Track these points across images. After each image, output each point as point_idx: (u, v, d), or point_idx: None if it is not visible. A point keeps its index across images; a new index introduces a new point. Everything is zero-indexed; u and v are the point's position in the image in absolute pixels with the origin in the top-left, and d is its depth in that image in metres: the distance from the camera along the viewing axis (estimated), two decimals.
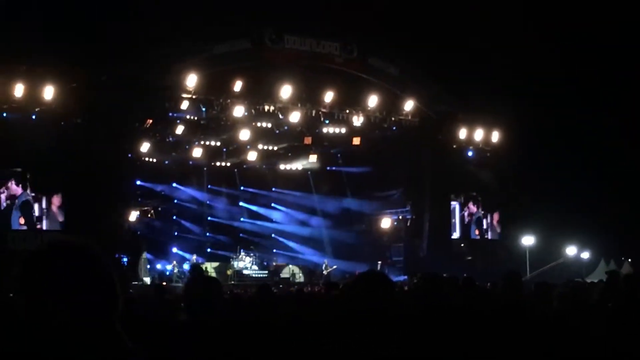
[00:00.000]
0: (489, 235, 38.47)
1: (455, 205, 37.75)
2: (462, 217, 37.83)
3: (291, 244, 40.67)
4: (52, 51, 27.06)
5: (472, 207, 38.10)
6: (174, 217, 38.88)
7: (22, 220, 28.39)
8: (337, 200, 40.25)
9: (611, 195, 36.23)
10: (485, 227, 38.36)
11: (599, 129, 35.85)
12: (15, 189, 28.46)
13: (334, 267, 35.90)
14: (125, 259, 31.14)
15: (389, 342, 4.18)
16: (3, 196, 28.26)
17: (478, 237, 38.14)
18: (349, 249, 39.07)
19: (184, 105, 31.89)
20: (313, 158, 39.50)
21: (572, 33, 34.83)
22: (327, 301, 9.83)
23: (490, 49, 34.67)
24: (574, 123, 35.57)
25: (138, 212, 35.38)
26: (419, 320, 5.67)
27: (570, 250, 37.26)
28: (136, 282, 30.10)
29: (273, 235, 40.85)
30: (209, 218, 40.08)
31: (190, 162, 38.40)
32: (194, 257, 35.78)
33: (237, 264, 35.42)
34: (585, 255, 37.43)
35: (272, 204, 41.29)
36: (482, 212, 38.31)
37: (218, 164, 39.44)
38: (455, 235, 37.58)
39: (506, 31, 34.15)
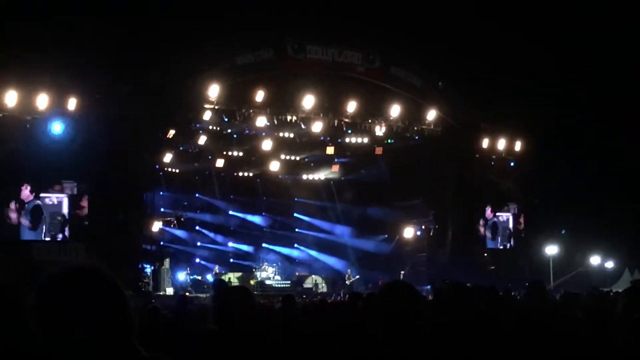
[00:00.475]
0: (512, 245, 38.28)
1: (478, 214, 37.60)
2: (484, 227, 37.66)
3: (314, 252, 40.65)
4: (75, 62, 27.20)
5: (495, 217, 37.94)
6: (197, 227, 38.97)
7: (27, 224, 28.40)
8: (360, 209, 40.21)
9: (636, 205, 35.95)
10: (508, 236, 38.17)
11: (624, 138, 35.62)
12: (27, 194, 28.56)
13: (357, 277, 35.80)
14: (148, 270, 31.25)
15: (416, 352, 4.16)
16: (13, 206, 28.33)
17: (501, 247, 37.97)
18: (371, 258, 39.03)
19: (207, 115, 32.02)
20: (335, 168, 39.52)
21: (595, 42, 34.67)
22: (352, 312, 9.81)
23: (513, 58, 34.59)
24: (599, 132, 35.37)
25: (161, 223, 35.55)
26: (444, 329, 5.64)
27: (594, 260, 37.02)
28: (159, 293, 30.18)
29: (295, 244, 40.85)
30: (231, 228, 40.13)
31: (213, 173, 38.50)
32: (217, 267, 35.85)
33: (260, 274, 35.44)
34: (610, 264, 37.18)
35: (295, 214, 41.30)
36: (505, 222, 38.14)
37: (240, 174, 39.51)
38: (478, 244, 37.41)
39: (529, 40, 34.07)
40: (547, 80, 35.12)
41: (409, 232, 39.25)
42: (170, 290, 31.76)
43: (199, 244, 38.59)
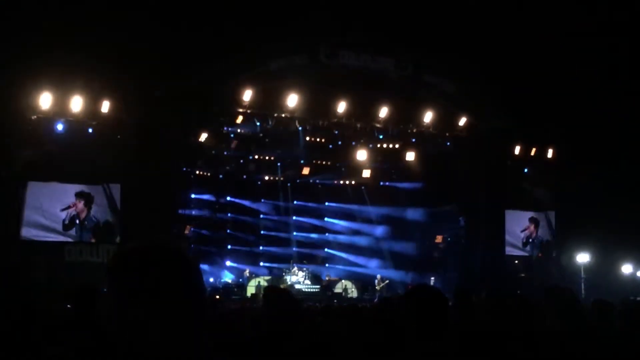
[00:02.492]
0: (543, 253, 38.09)
1: (509, 221, 37.48)
2: (516, 234, 37.52)
3: (344, 255, 40.62)
4: (109, 65, 27.43)
5: (527, 224, 37.79)
6: (228, 231, 39.11)
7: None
8: (390, 214, 40.13)
9: None
10: (539, 244, 38.00)
11: None
12: (81, 207, 28.99)
13: (387, 281, 35.65)
14: None
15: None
16: (69, 212, 28.82)
17: (532, 254, 37.81)
18: (402, 263, 38.94)
19: (239, 119, 32.24)
20: (367, 173, 39.50)
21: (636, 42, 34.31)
22: (380, 318, 9.84)
23: (545, 64, 34.38)
24: (634, 139, 35.04)
25: (192, 226, 35.77)
26: (473, 339, 5.67)
27: (626, 268, 36.72)
28: None
29: (326, 249, 40.87)
30: (262, 232, 40.24)
31: (244, 176, 38.68)
32: (247, 270, 35.95)
33: (290, 278, 35.45)
34: None
35: (325, 218, 41.32)
36: (537, 229, 37.98)
37: (272, 178, 39.64)
38: (510, 251, 37.28)
39: (562, 47, 33.87)
40: (582, 86, 34.84)
41: (440, 238, 39.20)
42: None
43: (229, 247, 38.71)
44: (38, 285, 24.25)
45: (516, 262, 37.28)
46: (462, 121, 34.81)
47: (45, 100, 27.69)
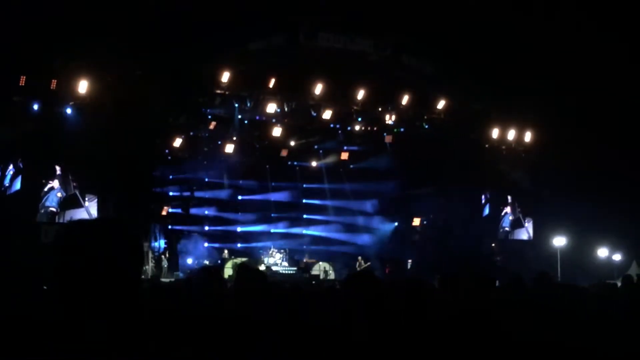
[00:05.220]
0: (520, 236, 38.33)
1: (487, 205, 37.67)
2: (492, 217, 37.72)
3: (323, 236, 40.55)
4: (85, 46, 27.22)
5: (503, 207, 38.01)
6: (205, 212, 38.99)
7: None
8: (369, 197, 40.12)
9: None
10: (516, 227, 38.23)
11: (635, 129, 35.42)
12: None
13: (368, 263, 35.58)
14: (156, 254, 31.35)
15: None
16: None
17: (509, 238, 38.04)
18: (380, 245, 38.95)
19: (217, 101, 32.14)
20: (344, 155, 39.47)
21: (615, 26, 34.37)
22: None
23: (524, 48, 34.42)
24: (609, 124, 35.18)
25: (170, 207, 35.70)
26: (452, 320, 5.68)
27: (602, 252, 36.99)
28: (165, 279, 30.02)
29: (304, 231, 40.78)
30: (239, 213, 40.16)
31: (223, 158, 38.58)
32: (225, 252, 35.91)
33: (268, 260, 35.43)
34: (617, 257, 37.11)
35: (303, 200, 41.22)
36: (513, 212, 38.20)
37: (250, 159, 39.49)
38: (486, 235, 37.46)
39: (542, 29, 33.89)
40: (558, 69, 34.90)
41: (417, 221, 39.32)
42: (180, 275, 31.76)
43: (207, 228, 38.63)
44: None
45: (493, 245, 37.47)
46: (441, 104, 34.88)
47: (23, 81, 27.48)
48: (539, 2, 33.40)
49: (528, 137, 36.76)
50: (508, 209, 38.11)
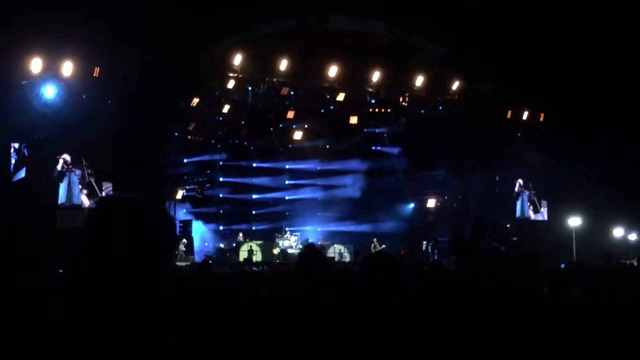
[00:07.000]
0: (536, 216, 38.23)
1: (501, 185, 37.58)
2: (507, 198, 37.64)
3: (338, 216, 40.28)
4: (97, 31, 27.24)
5: (519, 188, 37.90)
6: (220, 195, 38.99)
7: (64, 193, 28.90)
8: (384, 179, 39.91)
9: None
10: (531, 207, 38.14)
11: None
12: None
13: (383, 246, 35.44)
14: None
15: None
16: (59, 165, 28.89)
17: (524, 218, 37.96)
18: (395, 228, 38.83)
19: (230, 84, 32.16)
20: (359, 137, 39.39)
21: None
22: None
23: (539, 28, 34.19)
24: (624, 105, 34.94)
25: (184, 191, 35.76)
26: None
27: (617, 232, 36.86)
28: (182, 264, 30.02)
29: (319, 214, 40.59)
30: (253, 196, 40.15)
31: (237, 141, 38.58)
32: (241, 235, 35.94)
33: (283, 243, 35.44)
34: (633, 237, 36.98)
35: (318, 182, 41.05)
36: (528, 193, 38.09)
37: (264, 143, 39.46)
38: (501, 215, 37.38)
39: (557, 10, 33.66)
40: (573, 50, 34.67)
41: (431, 202, 39.27)
42: (195, 259, 31.78)
43: (221, 211, 38.64)
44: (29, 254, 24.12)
45: (508, 225, 37.39)
46: (455, 85, 34.77)
47: (35, 65, 27.55)
48: None
49: (542, 117, 36.58)
50: (523, 190, 37.98)
